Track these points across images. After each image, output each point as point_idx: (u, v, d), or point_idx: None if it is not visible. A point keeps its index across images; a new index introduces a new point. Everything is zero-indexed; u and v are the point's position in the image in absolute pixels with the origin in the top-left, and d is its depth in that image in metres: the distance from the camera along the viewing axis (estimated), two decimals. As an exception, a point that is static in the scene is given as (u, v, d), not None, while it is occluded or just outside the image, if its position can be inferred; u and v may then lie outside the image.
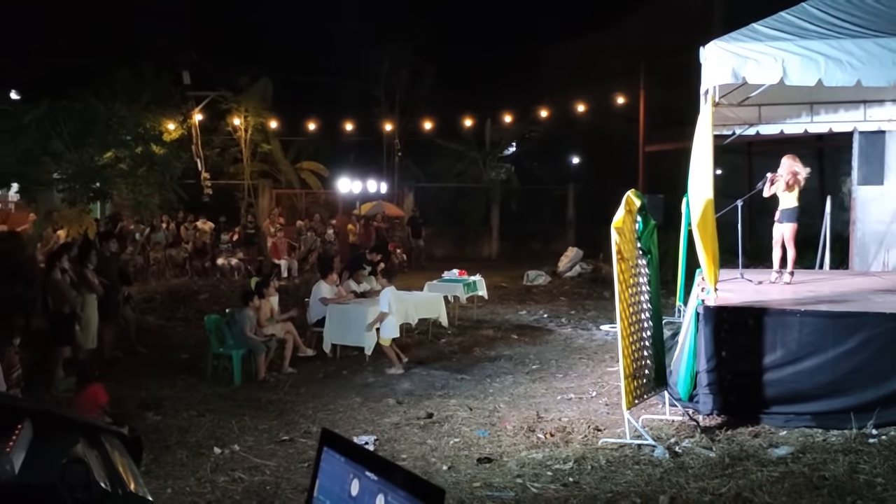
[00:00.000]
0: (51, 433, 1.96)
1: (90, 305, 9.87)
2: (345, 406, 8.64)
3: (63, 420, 2.11)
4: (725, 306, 7.85)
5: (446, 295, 13.36)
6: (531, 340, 12.47)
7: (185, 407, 8.45)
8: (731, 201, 10.89)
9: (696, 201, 8.09)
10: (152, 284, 16.86)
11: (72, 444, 1.95)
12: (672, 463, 6.41)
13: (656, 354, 7.72)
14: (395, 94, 27.87)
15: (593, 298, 16.90)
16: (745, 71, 7.55)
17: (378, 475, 1.44)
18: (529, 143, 29.86)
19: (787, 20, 7.94)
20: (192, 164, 22.05)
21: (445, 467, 6.61)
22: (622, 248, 7.19)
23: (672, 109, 20.01)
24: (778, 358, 7.47)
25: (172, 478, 6.33)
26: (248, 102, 23.93)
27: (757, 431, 7.18)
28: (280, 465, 6.69)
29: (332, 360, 10.84)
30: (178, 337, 12.48)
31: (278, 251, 20.07)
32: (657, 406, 8.00)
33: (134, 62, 21.67)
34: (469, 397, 8.93)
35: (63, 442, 1.95)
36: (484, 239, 27.86)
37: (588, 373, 10.14)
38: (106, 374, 9.55)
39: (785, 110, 11.93)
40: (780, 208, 9.99)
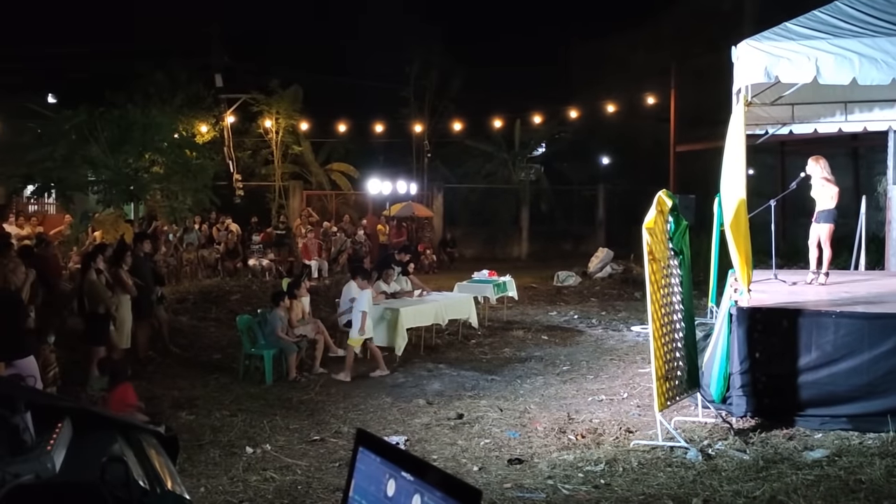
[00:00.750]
0: (90, 432, 1.99)
1: (124, 306, 9.99)
2: (375, 406, 8.67)
3: (101, 419, 2.14)
4: (759, 307, 7.77)
5: (476, 296, 13.36)
6: (561, 341, 12.42)
7: (217, 406, 8.53)
8: (763, 201, 10.78)
9: (728, 201, 8.02)
10: (185, 285, 17.04)
11: (110, 442, 1.99)
12: (705, 465, 6.35)
13: (689, 356, 7.66)
14: (424, 95, 27.92)
15: (624, 299, 16.81)
16: (777, 70, 7.48)
17: (414, 475, 1.44)
18: (559, 143, 29.76)
19: (821, 18, 7.84)
20: (225, 166, 22.29)
21: (476, 468, 6.61)
22: (654, 249, 7.14)
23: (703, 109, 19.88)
24: (813, 360, 7.38)
25: (205, 476, 6.39)
26: (280, 104, 24.14)
27: (791, 434, 7.10)
28: (311, 465, 6.73)
29: (363, 361, 10.87)
30: (211, 337, 12.59)
31: (309, 252, 20.18)
32: (689, 408, 7.93)
33: (167, 66, 21.96)
34: (499, 398, 8.92)
35: (102, 440, 1.99)
36: (514, 240, 27.82)
37: (619, 374, 10.09)
38: (140, 373, 9.69)
39: (818, 109, 11.77)
40: (817, 209, 9.88)
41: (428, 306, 11.65)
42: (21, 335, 7.32)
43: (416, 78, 27.63)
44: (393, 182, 26.17)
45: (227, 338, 12.07)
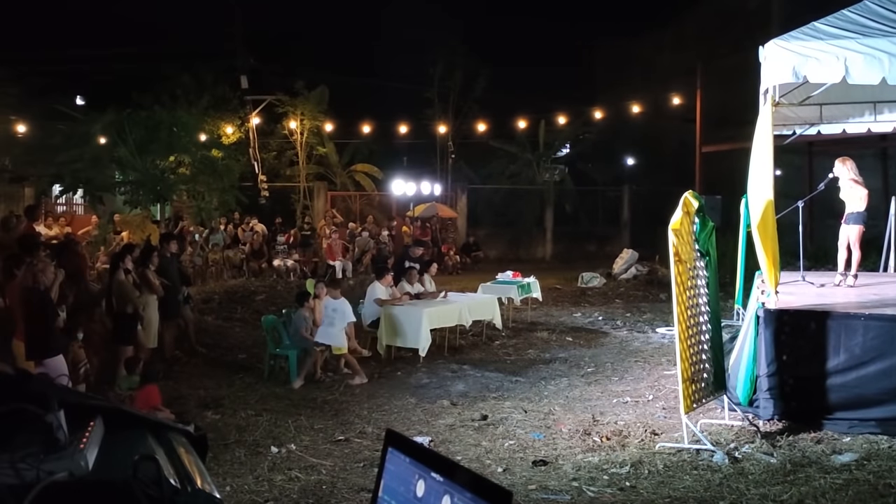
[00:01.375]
0: (121, 430, 2.02)
1: (151, 306, 10.09)
2: (399, 407, 8.69)
3: (132, 417, 2.17)
4: (787, 309, 7.70)
5: (500, 297, 13.34)
6: (586, 343, 12.38)
7: (242, 406, 8.59)
8: (791, 202, 10.68)
9: (755, 202, 7.96)
10: (210, 285, 17.17)
11: (141, 441, 2.01)
12: (732, 468, 6.30)
13: (715, 358, 7.60)
14: (448, 96, 27.93)
15: (649, 301, 16.72)
16: (805, 70, 7.41)
17: (444, 476, 1.45)
18: (583, 144, 29.65)
19: (850, 18, 7.76)
20: (250, 167, 22.45)
21: (500, 469, 6.60)
22: (680, 250, 7.10)
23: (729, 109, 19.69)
24: (841, 362, 7.29)
25: (231, 476, 6.43)
26: (304, 106, 24.26)
27: (819, 437, 7.03)
28: (336, 465, 6.76)
29: (387, 361, 10.91)
30: (236, 337, 12.68)
31: (333, 252, 20.27)
32: (716, 410, 7.87)
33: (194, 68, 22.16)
34: (524, 399, 8.91)
35: (133, 439, 2.01)
36: (538, 240, 27.75)
37: (644, 376, 10.03)
38: (166, 373, 9.78)
39: (847, 109, 11.63)
40: (846, 210, 9.79)
41: (452, 307, 11.66)
42: (51, 335, 7.41)
43: (440, 79, 27.65)
44: (417, 183, 26.21)
45: (253, 338, 12.15)
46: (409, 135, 27.67)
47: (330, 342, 10.02)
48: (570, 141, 29.92)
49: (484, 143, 28.06)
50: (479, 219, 27.70)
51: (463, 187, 27.55)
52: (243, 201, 19.76)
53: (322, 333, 9.98)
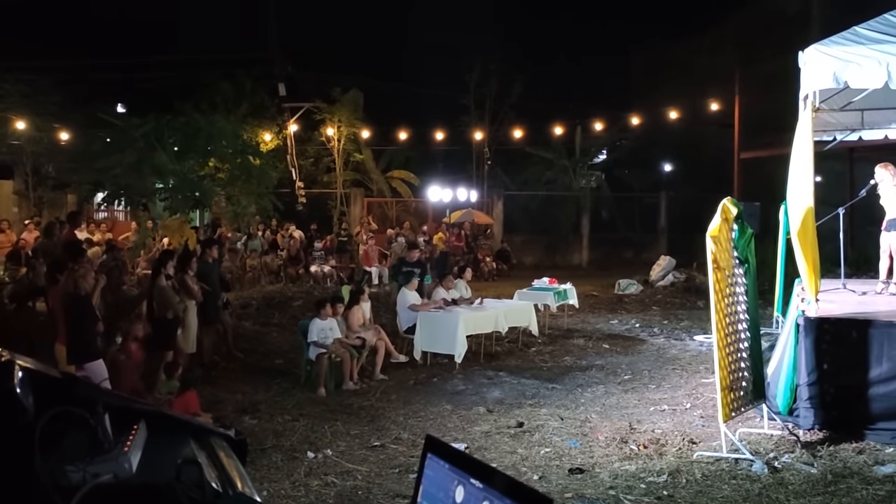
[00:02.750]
0: (164, 434, 2.06)
1: (190, 311, 10.22)
2: (435, 413, 8.70)
3: (174, 421, 2.21)
4: (827, 318, 7.59)
5: (536, 303, 13.30)
6: (623, 350, 12.30)
7: (279, 411, 8.66)
8: (831, 209, 10.54)
9: (795, 209, 7.87)
10: (248, 291, 17.34)
11: (184, 444, 2.04)
12: (771, 478, 6.23)
13: (754, 366, 7.51)
14: (484, 102, 27.96)
15: (686, 308, 16.55)
16: (847, 75, 7.31)
17: (483, 482, 1.45)
18: (620, 150, 29.50)
19: (892, 22, 7.66)
20: (288, 174, 22.66)
21: (536, 477, 6.58)
22: (718, 258, 7.04)
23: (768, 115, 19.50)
24: (884, 372, 7.17)
25: (268, 480, 6.49)
26: (341, 113, 24.45)
27: (861, 448, 6.91)
28: (371, 471, 6.79)
29: (423, 367, 10.92)
30: (273, 342, 12.78)
31: (369, 258, 20.36)
32: (755, 419, 7.77)
33: (232, 75, 22.46)
34: (560, 407, 8.87)
35: (175, 443, 2.05)
36: (574, 247, 27.63)
37: (682, 384, 9.94)
38: (205, 377, 9.89)
39: (890, 115, 11.45)
40: (887, 217, 9.63)
41: (488, 313, 11.65)
42: (91, 339, 7.55)
43: (476, 85, 27.70)
44: (453, 189, 26.25)
45: (289, 343, 12.24)
46: (445, 141, 27.75)
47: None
48: (607, 147, 29.81)
49: (520, 149, 28.05)
50: (515, 225, 27.67)
51: (499, 194, 27.54)
52: (279, 207, 19.94)
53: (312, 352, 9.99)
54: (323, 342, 9.83)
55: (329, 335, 9.93)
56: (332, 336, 9.95)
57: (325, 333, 9.92)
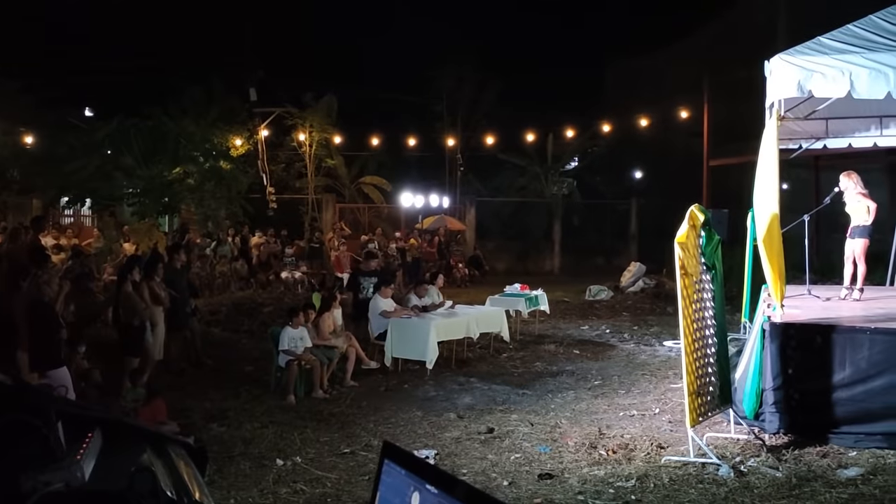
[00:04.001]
0: (119, 442, 2.03)
1: (158, 317, 10.12)
2: (406, 420, 8.68)
3: (131, 429, 2.19)
4: (792, 323, 7.69)
5: (508, 309, 13.33)
6: (593, 356, 12.36)
7: (248, 418, 8.58)
8: (797, 216, 10.67)
9: (761, 216, 7.96)
10: (217, 297, 17.20)
11: (139, 452, 2.02)
12: (737, 482, 6.28)
13: (721, 371, 7.58)
14: (457, 109, 28.01)
15: (656, 314, 16.67)
16: (811, 84, 7.41)
17: (439, 488, 1.45)
18: (592, 157, 29.68)
19: (855, 33, 7.77)
20: (258, 179, 22.55)
21: (506, 483, 6.59)
22: (686, 264, 7.10)
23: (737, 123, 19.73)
24: (847, 376, 7.27)
25: (236, 488, 6.44)
26: (313, 118, 24.37)
27: (825, 451, 7.00)
28: (341, 478, 6.75)
29: (394, 374, 10.90)
30: (243, 349, 12.69)
31: (341, 265, 20.29)
32: (722, 424, 7.84)
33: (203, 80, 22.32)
34: (530, 412, 8.89)
35: (131, 451, 2.02)
36: (546, 253, 27.73)
37: (651, 389, 10.01)
38: (172, 384, 9.79)
39: (853, 124, 11.62)
40: (851, 224, 9.77)
41: (459, 319, 11.66)
42: (54, 346, 7.44)
43: (449, 92, 27.75)
44: (426, 195, 26.27)
45: (259, 350, 12.15)
46: (418, 147, 27.78)
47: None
48: (579, 154, 29.95)
49: (492, 155, 28.14)
50: (487, 231, 27.73)
51: (471, 200, 27.59)
52: (250, 212, 19.81)
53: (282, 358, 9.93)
54: (293, 351, 9.77)
55: (299, 345, 9.87)
56: (302, 346, 9.89)
57: (296, 343, 9.86)
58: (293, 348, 9.78)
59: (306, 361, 9.76)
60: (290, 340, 9.83)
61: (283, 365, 9.79)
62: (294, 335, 9.89)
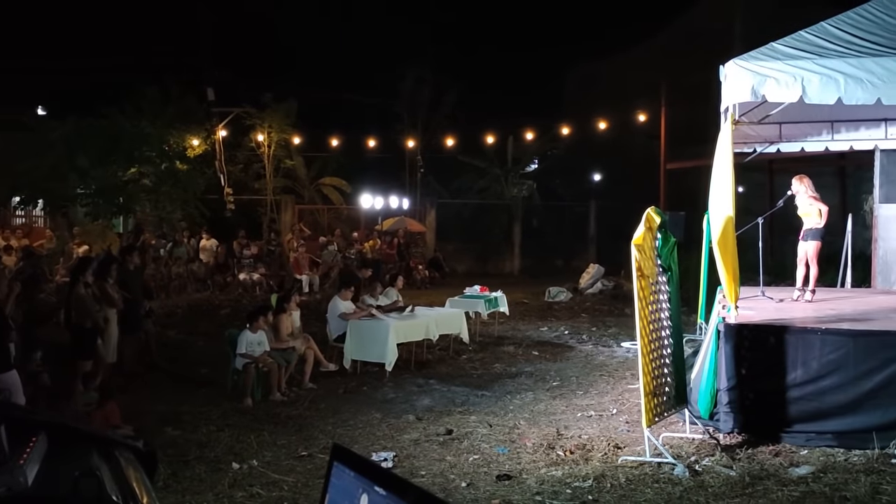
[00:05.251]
0: (65, 446, 1.99)
1: (111, 320, 9.96)
2: (364, 422, 8.64)
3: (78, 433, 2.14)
4: (746, 324, 7.80)
5: (467, 311, 13.34)
6: (552, 357, 12.42)
7: (204, 422, 8.47)
8: (752, 219, 10.84)
9: (716, 219, 8.07)
10: (173, 299, 16.98)
11: (85, 457, 1.98)
12: (692, 481, 6.36)
13: (677, 372, 7.67)
14: (417, 111, 28.00)
15: (614, 315, 16.83)
16: (764, 89, 7.53)
17: (387, 490, 1.45)
18: (551, 159, 29.88)
19: (807, 39, 7.91)
20: (216, 180, 22.30)
21: (464, 484, 6.59)
22: (642, 265, 7.17)
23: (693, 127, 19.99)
24: (799, 376, 7.40)
25: (190, 493, 6.34)
26: (272, 119, 24.17)
27: (778, 450, 7.12)
28: (298, 481, 6.70)
29: (353, 376, 10.84)
30: (199, 352, 12.54)
31: (300, 266, 20.16)
32: (677, 424, 7.93)
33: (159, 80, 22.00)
34: (489, 414, 8.91)
35: (77, 455, 1.98)
36: (505, 255, 27.85)
37: (609, 390, 10.09)
38: (126, 388, 9.64)
39: (805, 128, 11.85)
40: (804, 227, 9.96)
41: (419, 321, 11.64)
42: (3, 349, 7.27)
43: (409, 94, 27.73)
44: (386, 197, 26.22)
45: (216, 352, 12.00)
46: (378, 149, 27.74)
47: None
48: (538, 156, 30.14)
49: (453, 157, 28.19)
50: (447, 233, 27.76)
51: (432, 201, 27.61)
52: (206, 213, 19.57)
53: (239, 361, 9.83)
54: (251, 354, 9.67)
55: (258, 349, 9.77)
56: (260, 350, 9.79)
57: (254, 347, 9.76)
58: (251, 352, 9.68)
59: (263, 364, 9.67)
60: (249, 345, 9.72)
61: (240, 367, 9.68)
62: (252, 339, 9.78)
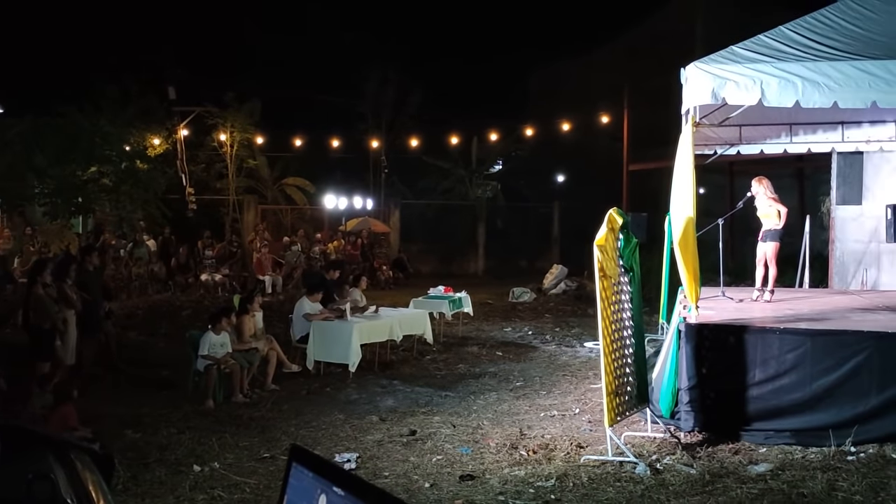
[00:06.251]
0: (20, 449, 1.96)
1: (70, 321, 9.80)
2: (327, 423, 8.60)
3: (33, 436, 2.11)
4: (706, 324, 7.89)
5: (432, 311, 13.34)
6: (516, 357, 12.47)
7: (165, 424, 8.37)
8: (712, 220, 10.98)
9: (677, 220, 8.16)
10: (134, 300, 16.76)
11: (40, 460, 1.95)
12: (653, 480, 6.42)
13: (638, 372, 7.75)
14: (381, 111, 27.94)
15: (577, 315, 16.93)
16: (724, 92, 7.63)
17: (345, 490, 1.44)
18: (515, 161, 29.99)
19: (766, 43, 8.03)
20: (177, 180, 22.04)
21: (427, 485, 6.59)
22: (605, 266, 7.23)
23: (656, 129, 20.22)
24: (758, 375, 7.52)
25: (150, 496, 6.27)
26: (235, 118, 23.94)
27: (737, 448, 7.22)
28: (260, 483, 6.64)
29: (316, 377, 10.78)
30: (160, 353, 12.38)
31: (262, 267, 20.00)
32: (639, 423, 8.01)
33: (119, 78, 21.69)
34: (453, 414, 8.92)
35: (31, 458, 1.95)
36: (470, 256, 27.88)
37: (571, 390, 10.15)
38: (85, 390, 9.48)
39: (765, 131, 12.02)
40: (763, 228, 10.11)
41: (382, 322, 11.61)
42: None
43: (373, 94, 27.67)
44: (349, 197, 26.13)
45: (177, 354, 11.85)
46: (342, 149, 27.62)
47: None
48: (503, 157, 30.24)
49: (417, 158, 28.16)
50: (411, 234, 27.72)
51: (396, 202, 27.55)
52: (167, 214, 19.33)
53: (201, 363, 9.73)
54: (213, 355, 9.58)
55: (220, 351, 9.67)
56: (223, 351, 9.70)
57: (216, 349, 9.66)
58: (213, 353, 9.58)
59: (225, 365, 9.58)
60: (211, 346, 9.62)
61: (202, 369, 9.58)
62: (215, 341, 9.68)
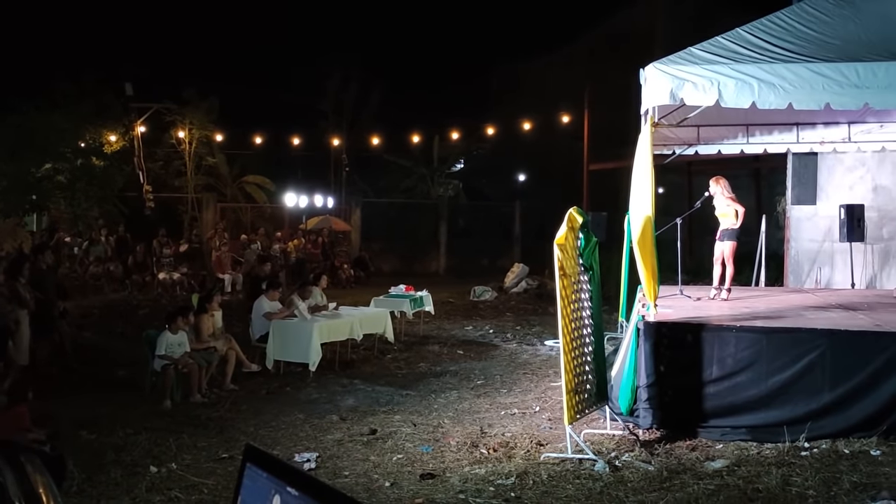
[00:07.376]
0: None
1: (22, 321, 9.60)
2: (287, 423, 8.53)
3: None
4: (664, 322, 7.97)
5: (393, 310, 13.31)
6: (477, 356, 12.49)
7: (121, 425, 8.22)
8: (671, 219, 11.09)
9: (636, 219, 8.23)
10: (90, 299, 16.48)
11: (-11, 462, 1.91)
12: (612, 477, 6.47)
13: (598, 370, 7.80)
14: (342, 109, 27.83)
15: (538, 314, 17.02)
16: (682, 93, 7.71)
17: (300, 490, 1.43)
18: (477, 160, 30.09)
19: (723, 44, 8.13)
20: (135, 177, 21.73)
21: (388, 483, 6.57)
22: (564, 265, 7.27)
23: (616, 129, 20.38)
24: (715, 372, 7.61)
25: (106, 498, 6.16)
26: (193, 115, 23.67)
27: (694, 445, 7.31)
28: (219, 484, 6.57)
29: (276, 377, 10.69)
30: (116, 353, 12.17)
31: (222, 266, 19.80)
32: (599, 421, 8.07)
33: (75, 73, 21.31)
34: (413, 413, 8.90)
35: (-21, 460, 1.91)
36: (431, 254, 27.88)
37: (532, 388, 10.20)
38: (39, 391, 9.30)
39: (722, 131, 12.20)
40: (721, 227, 10.25)
41: (343, 321, 11.56)
42: None
43: (334, 91, 27.54)
44: (310, 195, 25.98)
45: (133, 354, 11.68)
46: (303, 147, 27.50)
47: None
48: (464, 156, 30.31)
49: (378, 156, 28.14)
50: (373, 232, 27.65)
51: (357, 200, 27.46)
52: (124, 211, 19.05)
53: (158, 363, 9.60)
54: (170, 355, 9.45)
55: (178, 350, 9.55)
56: (181, 351, 9.57)
57: (174, 349, 9.53)
58: (170, 353, 9.45)
59: (183, 365, 9.46)
60: (168, 346, 9.49)
61: (159, 369, 9.45)
62: (172, 340, 9.55)
